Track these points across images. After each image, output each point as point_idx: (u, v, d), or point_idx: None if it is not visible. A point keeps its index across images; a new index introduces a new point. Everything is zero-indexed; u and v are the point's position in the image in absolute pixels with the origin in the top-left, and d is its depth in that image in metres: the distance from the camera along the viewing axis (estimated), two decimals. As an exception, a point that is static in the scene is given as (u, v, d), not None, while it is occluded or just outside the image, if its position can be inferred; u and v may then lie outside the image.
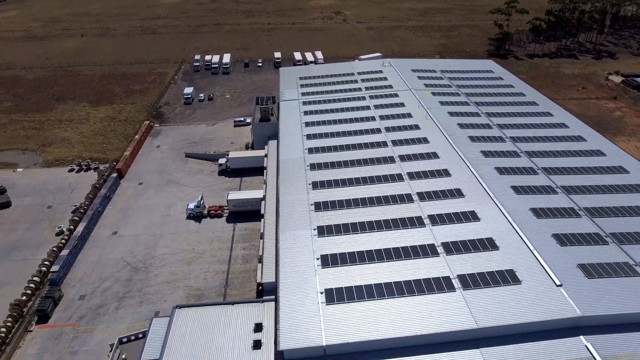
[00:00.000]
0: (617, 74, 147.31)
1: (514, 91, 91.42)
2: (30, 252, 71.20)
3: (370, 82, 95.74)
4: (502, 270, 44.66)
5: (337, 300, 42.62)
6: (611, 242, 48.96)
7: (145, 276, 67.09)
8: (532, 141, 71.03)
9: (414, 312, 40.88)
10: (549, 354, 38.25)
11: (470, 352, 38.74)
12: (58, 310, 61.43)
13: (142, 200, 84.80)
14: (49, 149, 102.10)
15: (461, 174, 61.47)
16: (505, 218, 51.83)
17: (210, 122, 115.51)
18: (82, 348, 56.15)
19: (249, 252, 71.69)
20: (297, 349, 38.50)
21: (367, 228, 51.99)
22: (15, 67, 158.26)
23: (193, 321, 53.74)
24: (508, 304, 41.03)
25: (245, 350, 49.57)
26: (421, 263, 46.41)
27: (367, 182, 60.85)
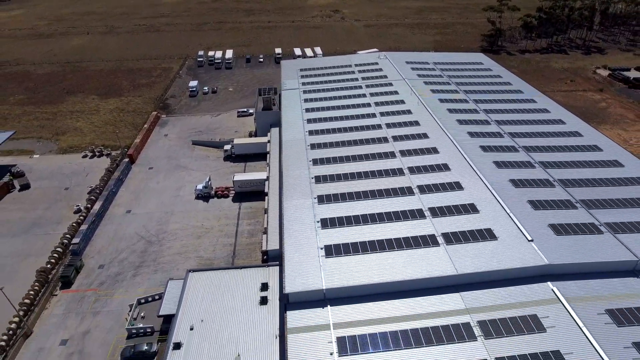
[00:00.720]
0: (604, 68, 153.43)
1: (501, 81, 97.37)
2: (51, 228, 76.84)
3: (367, 73, 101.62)
4: (481, 229, 50.45)
5: (335, 254, 48.36)
6: (580, 207, 54.75)
7: (158, 248, 72.77)
8: (514, 124, 76.86)
9: (402, 262, 46.66)
10: (520, 296, 44.01)
11: (451, 295, 44.48)
12: (79, 278, 67.05)
13: (152, 182, 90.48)
14: (62, 137, 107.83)
15: (448, 151, 67.22)
16: (486, 187, 57.61)
17: (214, 113, 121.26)
18: (103, 309, 61.78)
19: (254, 227, 77.36)
20: (300, 292, 44.21)
21: (362, 197, 57.76)
22: (24, 63, 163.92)
23: (205, 283, 59.47)
24: (485, 255, 46.81)
25: (253, 305, 55.38)
26: (410, 224, 52.20)
27: (362, 159, 66.65)
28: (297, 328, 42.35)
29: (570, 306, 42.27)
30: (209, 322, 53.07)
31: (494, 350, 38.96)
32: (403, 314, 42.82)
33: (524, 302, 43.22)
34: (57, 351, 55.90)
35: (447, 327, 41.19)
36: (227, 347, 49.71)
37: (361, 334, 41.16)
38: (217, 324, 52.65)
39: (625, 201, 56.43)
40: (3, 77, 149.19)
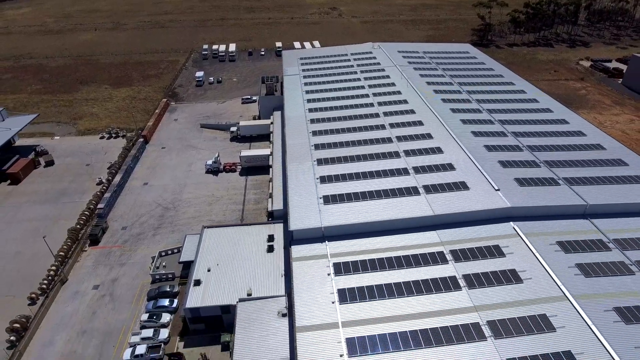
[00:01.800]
0: (587, 60, 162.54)
1: (485, 67, 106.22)
2: (77, 197, 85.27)
3: (361, 61, 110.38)
4: (456, 182, 59.14)
5: (332, 202, 56.98)
6: (543, 166, 63.46)
7: (174, 213, 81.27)
8: (492, 102, 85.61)
9: (388, 206, 55.34)
10: (486, 232, 52.65)
11: (429, 232, 53.12)
12: (105, 237, 75.46)
13: (166, 159, 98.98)
14: (80, 121, 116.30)
15: (432, 123, 75.92)
16: (462, 150, 66.37)
17: (220, 100, 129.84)
18: (128, 261, 70.24)
19: (259, 196, 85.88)
20: (302, 229, 52.84)
21: (355, 159, 66.44)
22: (37, 56, 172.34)
23: (218, 236, 68.05)
24: (458, 201, 55.51)
25: (261, 253, 63.93)
26: (396, 180, 60.84)
27: (355, 130, 75.45)
28: (300, 257, 50.97)
29: (527, 239, 50.97)
30: (223, 266, 61.59)
31: (461, 269, 47.58)
32: (387, 246, 51.47)
33: (489, 237, 51.95)
34: (90, 294, 64.33)
35: (424, 255, 49.83)
36: (239, 284, 58.22)
37: (354, 261, 49.77)
38: (230, 267, 61.18)
39: (584, 162, 65.18)
40: (19, 69, 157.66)
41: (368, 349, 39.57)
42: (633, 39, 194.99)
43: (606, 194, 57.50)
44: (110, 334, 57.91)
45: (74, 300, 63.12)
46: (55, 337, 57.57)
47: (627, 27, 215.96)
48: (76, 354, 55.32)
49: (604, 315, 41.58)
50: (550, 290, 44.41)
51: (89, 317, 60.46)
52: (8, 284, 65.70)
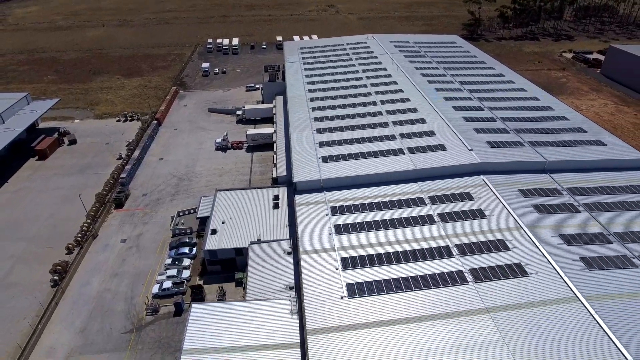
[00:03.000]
0: (569, 52, 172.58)
1: (469, 54, 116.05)
2: (100, 169, 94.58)
3: (356, 49, 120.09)
4: (436, 145, 68.84)
5: (329, 161, 66.52)
6: (512, 133, 73.08)
7: (188, 183, 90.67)
8: (474, 84, 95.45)
9: (376, 164, 64.97)
10: (459, 183, 62.20)
11: (412, 184, 62.64)
12: (128, 202, 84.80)
13: (178, 139, 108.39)
14: (96, 107, 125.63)
15: (418, 100, 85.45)
16: (443, 121, 76.07)
17: (225, 88, 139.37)
18: (150, 220, 79.61)
19: (264, 169, 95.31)
20: (305, 181, 62.36)
21: (350, 129, 76.05)
22: (50, 50, 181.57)
23: (230, 197, 77.41)
24: (437, 158, 65.11)
25: (268, 209, 73.31)
26: (383, 144, 70.57)
27: (350, 106, 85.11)
28: (303, 203, 60.45)
29: (493, 187, 60.53)
30: (236, 220, 70.95)
31: (436, 210, 57.12)
32: (375, 194, 60.94)
33: (461, 186, 61.52)
34: (119, 246, 73.65)
35: (407, 200, 59.36)
36: (250, 233, 67.59)
37: (347, 205, 59.26)
38: (241, 220, 70.56)
39: (548, 130, 74.91)
40: (34, 62, 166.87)
41: (358, 264, 49.04)
42: (616, 33, 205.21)
43: (564, 153, 67.20)
44: (139, 275, 67.27)
45: (105, 251, 72.47)
46: (91, 279, 66.89)
47: (611, 22, 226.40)
48: (110, 291, 64.65)
49: (550, 239, 51.13)
50: (508, 223, 53.98)
51: (119, 263, 69.84)
52: (46, 238, 74.99)
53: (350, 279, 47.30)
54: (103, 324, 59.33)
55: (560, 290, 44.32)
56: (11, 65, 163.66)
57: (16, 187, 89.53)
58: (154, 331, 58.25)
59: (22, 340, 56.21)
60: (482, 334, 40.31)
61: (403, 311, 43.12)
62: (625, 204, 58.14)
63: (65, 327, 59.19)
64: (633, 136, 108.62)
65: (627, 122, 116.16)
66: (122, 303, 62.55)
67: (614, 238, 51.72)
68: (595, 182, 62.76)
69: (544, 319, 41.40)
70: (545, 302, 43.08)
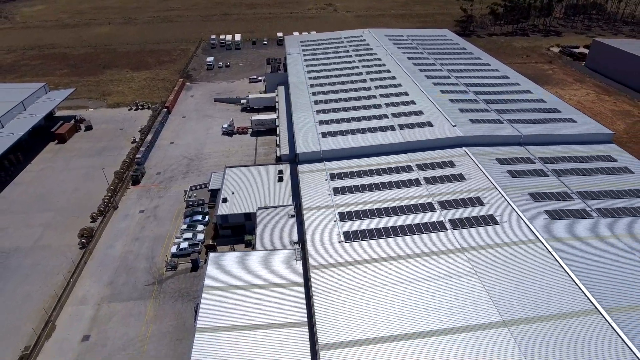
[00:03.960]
0: (557, 46, 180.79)
1: (458, 47, 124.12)
2: (116, 151, 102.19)
3: (353, 42, 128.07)
4: (423, 122, 76.73)
5: (328, 136, 74.34)
6: (493, 112, 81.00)
7: (198, 163, 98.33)
8: (461, 71, 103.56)
9: (370, 138, 72.82)
10: (444, 154, 70.02)
11: (401, 155, 70.41)
12: (144, 180, 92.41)
13: (187, 125, 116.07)
14: (108, 97, 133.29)
15: (409, 85, 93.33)
16: (431, 102, 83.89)
17: (230, 80, 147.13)
18: (165, 195, 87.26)
19: (267, 150, 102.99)
20: (306, 152, 70.23)
21: (346, 110, 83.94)
22: (59, 46, 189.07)
23: (238, 173, 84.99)
24: (424, 133, 72.99)
25: (273, 182, 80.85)
26: (376, 122, 78.36)
27: (347, 91, 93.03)
28: (305, 171, 68.24)
29: (474, 157, 68.33)
30: (244, 191, 78.55)
31: (422, 175, 64.92)
32: (369, 163, 68.75)
33: (446, 156, 69.39)
34: (137, 216, 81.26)
35: (397, 167, 67.17)
36: (257, 201, 75.18)
37: (344, 172, 67.01)
38: (249, 191, 78.17)
39: (526, 110, 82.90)
40: (46, 57, 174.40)
41: (353, 217, 56.79)
42: (603, 29, 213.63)
43: (538, 129, 75.17)
44: (157, 239, 74.92)
45: (125, 220, 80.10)
46: (115, 243, 74.51)
47: (599, 19, 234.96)
48: (133, 252, 72.28)
49: (520, 196, 58.95)
50: (484, 184, 61.82)
51: (139, 230, 77.48)
52: (71, 209, 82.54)
53: (346, 228, 55.08)
54: (128, 278, 66.99)
55: (525, 234, 52.16)
56: (24, 60, 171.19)
57: (40, 167, 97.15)
58: (173, 283, 65.92)
59: (57, 291, 63.81)
60: (456, 267, 48.08)
61: (390, 251, 50.88)
62: (590, 170, 66.09)
63: (94, 281, 66.81)
64: (611, 121, 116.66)
65: (607, 109, 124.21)
66: (144, 262, 70.22)
67: (576, 196, 59.60)
68: (565, 152, 70.67)
69: (509, 255, 49.21)
70: (511, 243, 50.91)
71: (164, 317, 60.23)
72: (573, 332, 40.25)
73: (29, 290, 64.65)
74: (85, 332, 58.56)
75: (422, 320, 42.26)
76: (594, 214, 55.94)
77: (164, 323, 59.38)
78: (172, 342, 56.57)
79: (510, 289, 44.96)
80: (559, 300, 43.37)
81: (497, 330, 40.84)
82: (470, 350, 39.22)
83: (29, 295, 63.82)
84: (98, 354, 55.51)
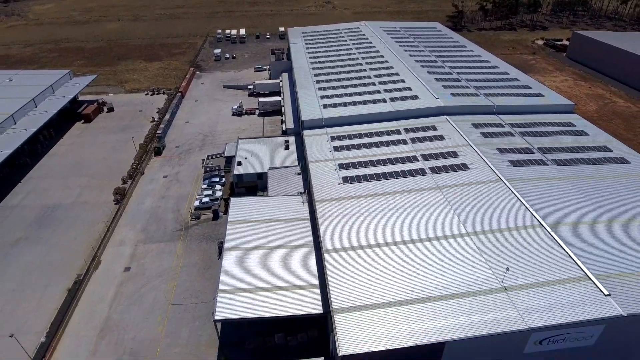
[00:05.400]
0: (541, 39, 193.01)
1: (446, 37, 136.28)
2: (138, 129, 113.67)
3: (351, 33, 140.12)
4: (411, 95, 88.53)
5: (329, 107, 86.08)
6: (472, 88, 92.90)
7: (212, 138, 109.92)
8: (447, 57, 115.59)
9: (364, 108, 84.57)
10: (429, 121, 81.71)
11: (391, 122, 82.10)
12: (164, 152, 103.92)
13: (200, 108, 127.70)
14: (126, 84, 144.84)
15: (400, 67, 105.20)
16: (419, 80, 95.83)
17: (236, 69, 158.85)
18: (185, 163, 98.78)
19: (274, 128, 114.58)
20: (310, 119, 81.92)
21: (345, 87, 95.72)
22: (74, 41, 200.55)
23: (250, 143, 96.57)
24: (411, 104, 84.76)
25: (281, 150, 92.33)
26: (370, 96, 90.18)
27: (344, 72, 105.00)
28: (310, 135, 79.91)
29: (453, 123, 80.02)
30: (256, 156, 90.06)
31: (410, 136, 76.61)
32: (363, 129, 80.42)
33: (429, 123, 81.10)
34: (162, 180, 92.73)
35: (387, 131, 78.85)
36: (267, 163, 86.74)
37: (342, 135, 78.68)
38: (260, 157, 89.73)
39: (501, 86, 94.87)
40: (62, 50, 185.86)
41: (350, 167, 68.51)
42: (587, 24, 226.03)
43: (510, 100, 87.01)
44: (181, 197, 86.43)
45: (151, 183, 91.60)
46: (144, 200, 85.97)
47: (584, 15, 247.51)
48: (161, 207, 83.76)
49: (489, 150, 70.67)
50: (460, 142, 73.54)
51: (164, 190, 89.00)
52: (103, 174, 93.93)
53: (344, 175, 66.75)
54: (159, 226, 78.51)
55: (490, 176, 63.87)
56: (42, 53, 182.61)
57: (70, 141, 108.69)
58: (198, 229, 77.45)
59: (99, 235, 75.28)
60: (433, 199, 59.74)
61: (379, 190, 62.53)
62: (551, 132, 77.89)
63: (130, 228, 78.29)
64: (584, 103, 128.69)
65: (582, 93, 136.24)
66: (171, 214, 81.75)
67: (536, 151, 71.37)
68: (531, 119, 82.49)
69: (476, 191, 60.88)
70: (478, 183, 62.61)
71: (192, 254, 71.77)
72: (521, 239, 51.85)
73: (75, 234, 76.14)
74: (126, 264, 70.06)
75: (404, 234, 53.92)
76: (549, 163, 67.67)
77: (192, 258, 70.90)
78: (200, 270, 68.11)
79: (474, 212, 56.64)
80: (512, 219, 55.03)
81: (462, 239, 52.48)
82: (441, 252, 50.79)
83: (76, 238, 75.29)
84: (138, 280, 67.00)
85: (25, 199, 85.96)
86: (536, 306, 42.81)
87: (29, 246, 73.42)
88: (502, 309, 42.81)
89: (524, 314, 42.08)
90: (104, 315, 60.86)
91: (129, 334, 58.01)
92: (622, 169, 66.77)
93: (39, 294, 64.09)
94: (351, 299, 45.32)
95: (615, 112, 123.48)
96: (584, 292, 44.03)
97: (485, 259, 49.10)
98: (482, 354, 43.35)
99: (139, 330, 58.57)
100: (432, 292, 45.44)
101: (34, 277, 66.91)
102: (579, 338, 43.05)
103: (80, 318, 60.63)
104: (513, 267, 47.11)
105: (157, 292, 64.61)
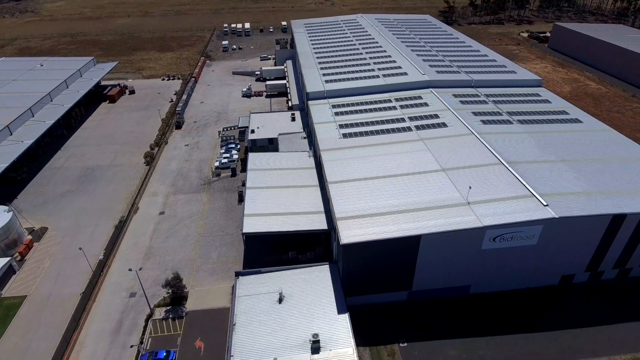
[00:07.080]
0: (526, 32, 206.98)
1: (435, 26, 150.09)
2: (158, 108, 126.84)
3: (349, 23, 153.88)
4: (401, 72, 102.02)
5: (330, 82, 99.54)
6: (455, 67, 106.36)
7: (225, 115, 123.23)
8: (435, 43, 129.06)
9: (362, 83, 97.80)
10: (416, 92, 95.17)
11: (383, 94, 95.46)
12: (184, 126, 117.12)
13: (212, 91, 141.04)
14: (143, 71, 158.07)
15: (392, 51, 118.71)
16: (408, 61, 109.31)
17: (244, 58, 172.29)
18: (203, 134, 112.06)
19: (280, 107, 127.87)
20: (314, 91, 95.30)
21: (343, 67, 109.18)
22: (89, 34, 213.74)
23: (260, 117, 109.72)
24: (401, 79, 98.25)
25: (288, 121, 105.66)
26: (366, 72, 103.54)
27: (343, 56, 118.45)
28: (315, 104, 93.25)
29: (437, 95, 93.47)
30: (266, 126, 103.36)
31: (399, 104, 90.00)
32: (359, 99, 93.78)
33: (416, 94, 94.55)
34: (184, 148, 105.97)
35: (380, 100, 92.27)
36: (277, 131, 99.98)
37: (341, 104, 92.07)
38: (269, 126, 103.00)
39: (481, 65, 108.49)
40: (79, 42, 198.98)
41: (348, 126, 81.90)
42: (571, 19, 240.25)
43: (486, 76, 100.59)
44: (202, 160, 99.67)
45: (175, 150, 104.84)
46: (170, 163, 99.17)
47: (569, 10, 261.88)
48: (185, 168, 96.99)
49: (465, 113, 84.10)
50: (441, 107, 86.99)
51: (187, 155, 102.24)
52: (132, 143, 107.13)
53: (344, 132, 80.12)
54: (185, 181, 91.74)
55: (464, 131, 77.27)
56: (60, 45, 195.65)
57: (99, 117, 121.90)
58: (219, 184, 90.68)
59: (136, 188, 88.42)
60: (415, 147, 73.05)
61: (372, 142, 75.88)
62: (519, 100, 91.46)
63: (160, 183, 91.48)
64: (560, 85, 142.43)
65: (558, 78, 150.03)
66: (195, 173, 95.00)
67: (505, 114, 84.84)
68: (504, 92, 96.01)
69: (451, 141, 74.26)
70: (454, 135, 76.03)
71: (215, 201, 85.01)
72: (484, 173, 65.12)
73: (114, 188, 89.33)
74: (160, 210, 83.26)
75: (393, 170, 67.23)
76: (514, 122, 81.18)
77: (216, 204, 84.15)
78: (223, 213, 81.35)
79: (449, 155, 70.02)
80: (479, 159, 68.39)
81: (437, 173, 65.79)
82: (421, 182, 64.08)
83: (116, 190, 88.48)
84: (172, 220, 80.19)
85: (68, 162, 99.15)
86: (491, 212, 56.15)
87: (77, 196, 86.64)
88: (464, 215, 56.14)
89: (481, 217, 55.41)
90: (147, 244, 74.09)
91: (169, 257, 71.24)
92: (575, 127, 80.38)
93: (92, 229, 77.29)
94: (350, 211, 58.59)
95: (587, 92, 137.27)
96: (528, 202, 57.43)
97: (455, 185, 62.49)
98: (449, 250, 56.61)
99: (176, 254, 71.81)
100: (412, 207, 58.79)
101: (86, 218, 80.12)
102: (524, 237, 56.33)
103: (127, 247, 73.85)
104: (476, 191, 60.46)
105: (188, 228, 77.87)
